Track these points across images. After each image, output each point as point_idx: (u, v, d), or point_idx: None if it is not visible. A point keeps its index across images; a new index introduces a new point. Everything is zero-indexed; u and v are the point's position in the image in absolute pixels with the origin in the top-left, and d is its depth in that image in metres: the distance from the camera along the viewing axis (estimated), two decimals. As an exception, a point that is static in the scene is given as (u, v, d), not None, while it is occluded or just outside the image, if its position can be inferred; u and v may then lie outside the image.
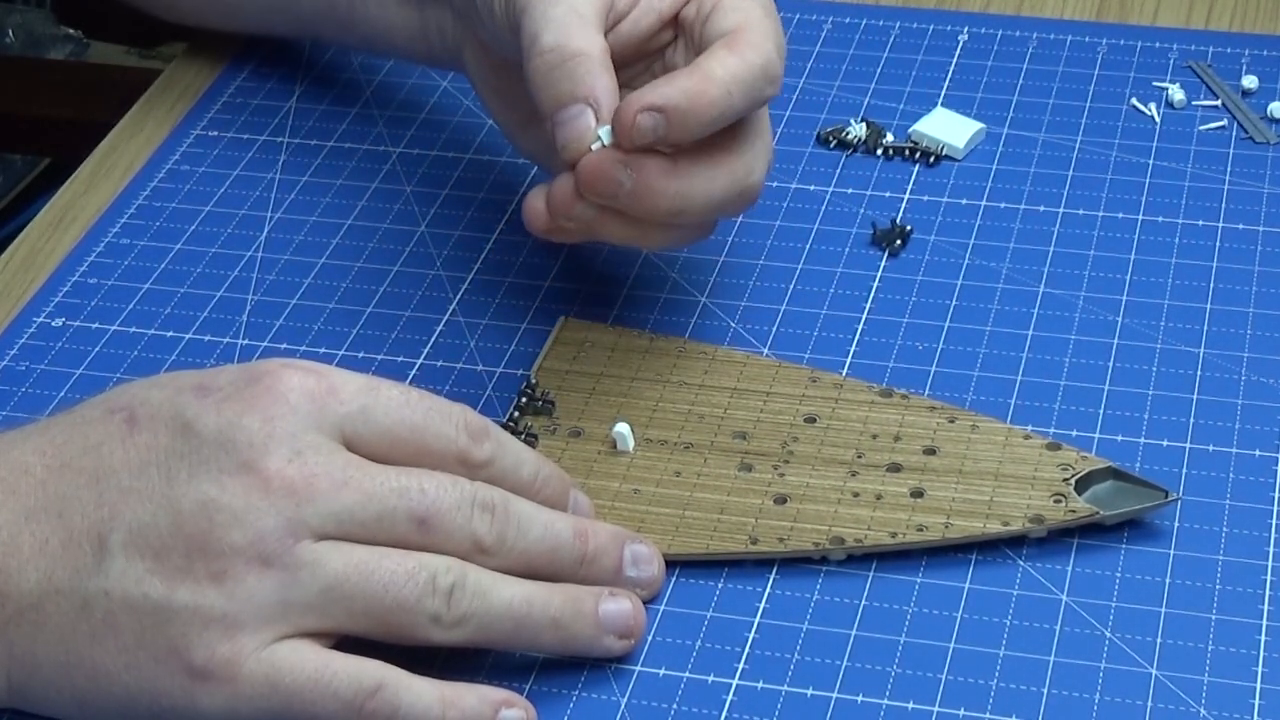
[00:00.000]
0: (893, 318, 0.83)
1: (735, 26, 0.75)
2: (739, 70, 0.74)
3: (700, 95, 0.73)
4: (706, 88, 0.73)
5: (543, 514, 0.68)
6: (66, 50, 1.69)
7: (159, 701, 0.64)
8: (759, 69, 0.74)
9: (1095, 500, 0.72)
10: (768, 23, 0.76)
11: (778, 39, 0.76)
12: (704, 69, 0.74)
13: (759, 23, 0.76)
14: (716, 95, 0.73)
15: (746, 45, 0.75)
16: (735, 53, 0.74)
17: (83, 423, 0.67)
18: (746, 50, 0.74)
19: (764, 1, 0.77)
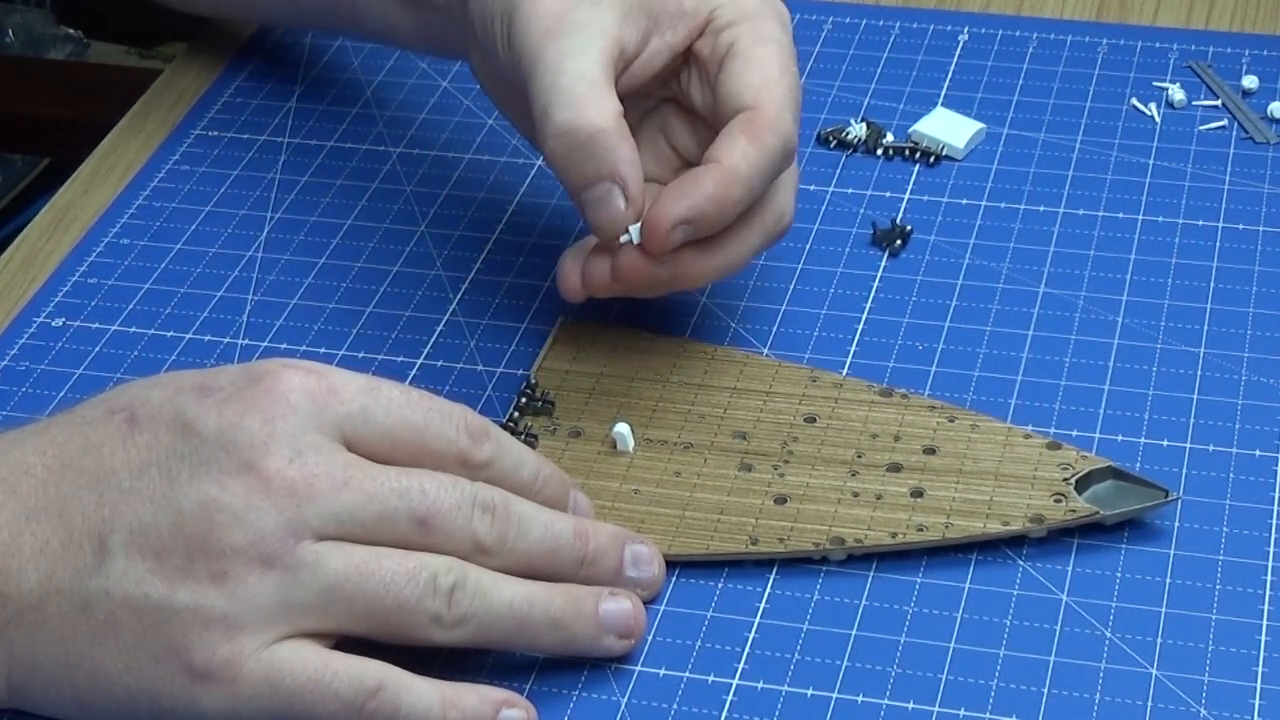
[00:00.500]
0: (893, 318, 0.83)
1: (753, 98, 0.75)
2: (761, 162, 0.74)
3: (726, 198, 0.74)
4: (731, 190, 0.74)
5: (543, 514, 0.68)
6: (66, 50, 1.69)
7: (159, 702, 0.64)
8: (779, 153, 0.75)
9: (1095, 500, 0.72)
10: (785, 82, 0.76)
11: (794, 97, 0.76)
12: (726, 168, 0.74)
13: (776, 84, 0.76)
14: (741, 194, 0.74)
15: (766, 129, 0.75)
16: (755, 142, 0.74)
17: (83, 423, 0.67)
18: (766, 136, 0.74)
19: (780, 36, 0.77)
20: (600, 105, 0.74)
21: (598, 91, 0.74)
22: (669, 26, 0.77)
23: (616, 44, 0.76)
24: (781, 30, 0.77)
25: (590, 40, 0.75)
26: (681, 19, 0.77)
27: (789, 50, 0.77)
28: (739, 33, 0.76)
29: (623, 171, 0.74)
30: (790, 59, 0.77)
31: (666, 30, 0.77)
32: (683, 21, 0.77)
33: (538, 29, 0.75)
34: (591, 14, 0.75)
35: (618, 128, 0.74)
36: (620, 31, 0.76)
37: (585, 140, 0.73)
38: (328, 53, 1.01)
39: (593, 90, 0.74)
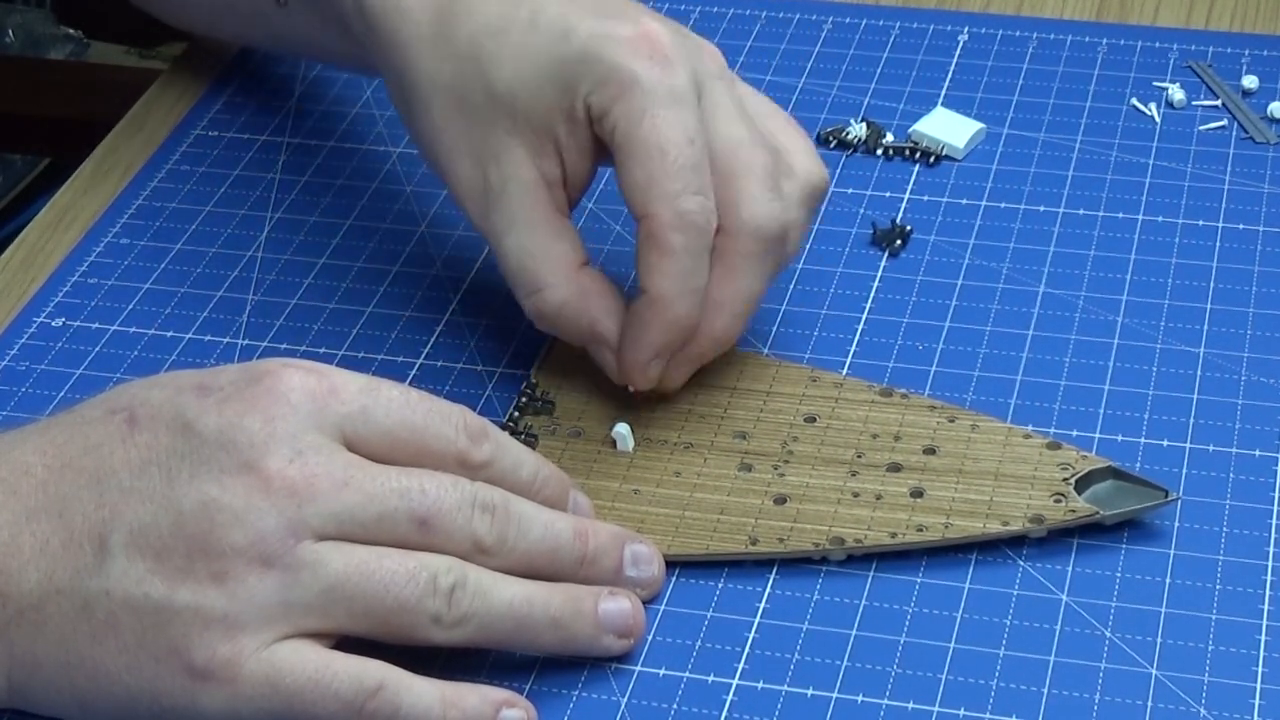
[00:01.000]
0: (893, 318, 0.83)
1: (642, 204, 0.73)
2: (680, 264, 0.73)
3: (673, 323, 0.74)
4: (671, 312, 0.74)
5: (543, 514, 0.68)
6: (66, 50, 1.69)
7: (159, 702, 0.64)
8: (696, 245, 0.73)
9: (1095, 500, 0.72)
10: (670, 158, 0.72)
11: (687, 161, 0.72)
12: (654, 296, 0.73)
13: (662, 174, 0.72)
14: (685, 306, 0.74)
15: (666, 232, 0.72)
16: (664, 253, 0.73)
17: (83, 423, 0.67)
18: (671, 237, 0.72)
19: (651, 100, 0.73)
20: (553, 280, 0.75)
21: (547, 264, 0.75)
22: (569, 135, 0.75)
23: (542, 188, 0.75)
24: (659, 92, 0.73)
25: (516, 206, 0.75)
26: (573, 124, 0.75)
27: (670, 114, 0.73)
28: (615, 120, 0.73)
29: (599, 331, 0.76)
30: (674, 120, 0.73)
31: (569, 140, 0.75)
32: (575, 126, 0.75)
33: (470, 209, 0.77)
34: (502, 172, 0.75)
35: (577, 296, 0.75)
36: (538, 172, 0.75)
37: (552, 317, 0.76)
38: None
39: (542, 265, 0.75)
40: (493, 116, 0.75)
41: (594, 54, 0.73)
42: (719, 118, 0.75)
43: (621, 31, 0.74)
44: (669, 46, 0.74)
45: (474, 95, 0.76)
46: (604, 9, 0.75)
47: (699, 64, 0.75)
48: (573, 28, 0.74)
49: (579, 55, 0.74)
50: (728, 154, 0.74)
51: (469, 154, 0.76)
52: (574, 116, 0.75)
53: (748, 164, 0.74)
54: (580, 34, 0.74)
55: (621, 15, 0.75)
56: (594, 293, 0.76)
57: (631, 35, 0.74)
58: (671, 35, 0.74)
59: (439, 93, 0.77)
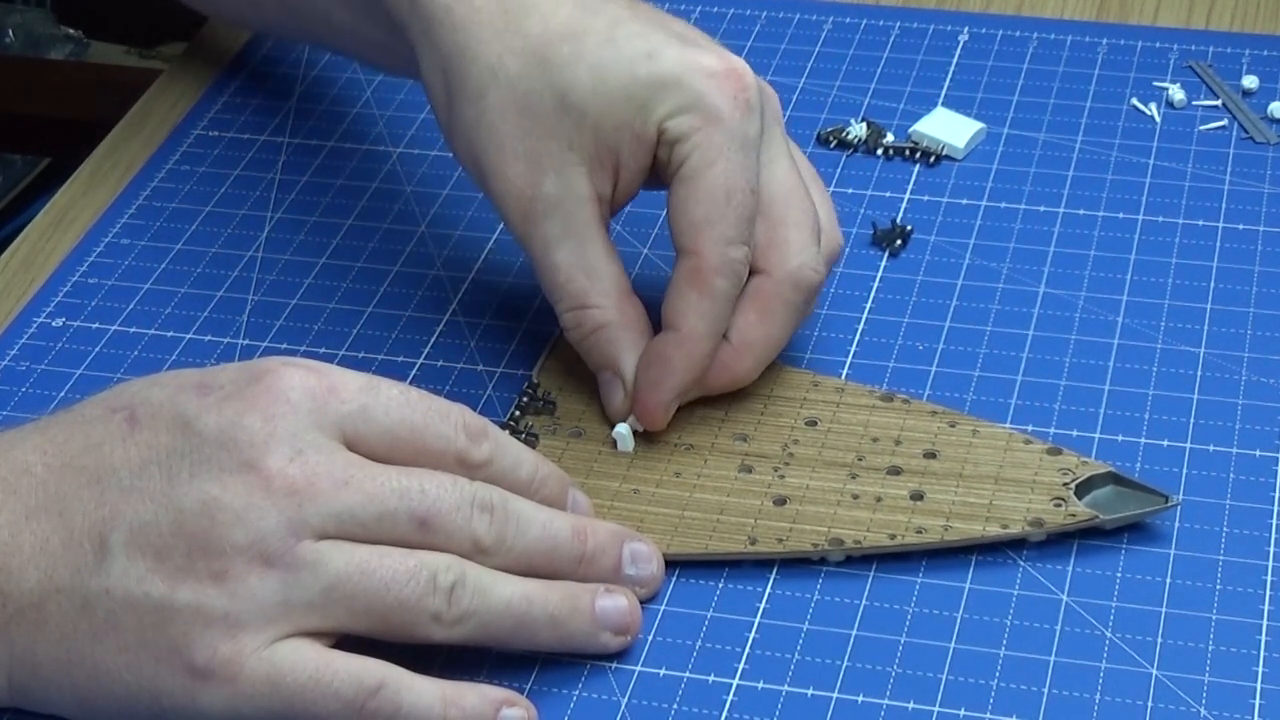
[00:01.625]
0: (893, 318, 0.83)
1: (693, 241, 0.73)
2: (715, 308, 0.74)
3: (697, 365, 0.75)
4: (696, 353, 0.74)
5: (541, 513, 0.68)
6: (66, 50, 1.69)
7: (159, 701, 0.64)
8: (729, 292, 0.74)
9: (1095, 505, 0.72)
10: (733, 206, 0.73)
11: (742, 214, 0.73)
12: (685, 334, 0.74)
13: (720, 217, 0.73)
14: (709, 348, 0.75)
15: (710, 274, 0.73)
16: (705, 292, 0.73)
17: (83, 422, 0.67)
18: (714, 280, 0.73)
19: (732, 145, 0.73)
20: (601, 298, 0.75)
21: (600, 284, 0.75)
22: (631, 155, 0.75)
23: (595, 204, 0.75)
24: (736, 135, 0.73)
25: (571, 220, 0.75)
26: (639, 143, 0.75)
27: (742, 159, 0.73)
28: (690, 149, 0.73)
29: (623, 367, 0.76)
30: (743, 167, 0.73)
31: (630, 159, 0.75)
32: (640, 145, 0.75)
33: (512, 210, 0.76)
34: (560, 185, 0.75)
35: (619, 319, 0.75)
36: (593, 188, 0.75)
37: (590, 333, 0.76)
38: (328, 53, 1.01)
39: (595, 284, 0.75)
40: (558, 125, 0.74)
41: (682, 80, 0.73)
42: (776, 165, 0.75)
43: (710, 63, 0.74)
44: (751, 89, 0.74)
45: (540, 98, 0.74)
46: (685, 36, 0.75)
47: (769, 106, 0.76)
48: (657, 50, 0.74)
49: (664, 79, 0.73)
50: (781, 201, 0.75)
51: (525, 157, 0.75)
52: (642, 137, 0.74)
53: (800, 214, 0.75)
54: (667, 57, 0.74)
55: (703, 46, 0.75)
56: (633, 326, 0.76)
57: (720, 70, 0.74)
58: (751, 72, 0.75)
59: (499, 86, 0.75)
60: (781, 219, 0.75)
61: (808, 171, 0.78)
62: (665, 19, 0.77)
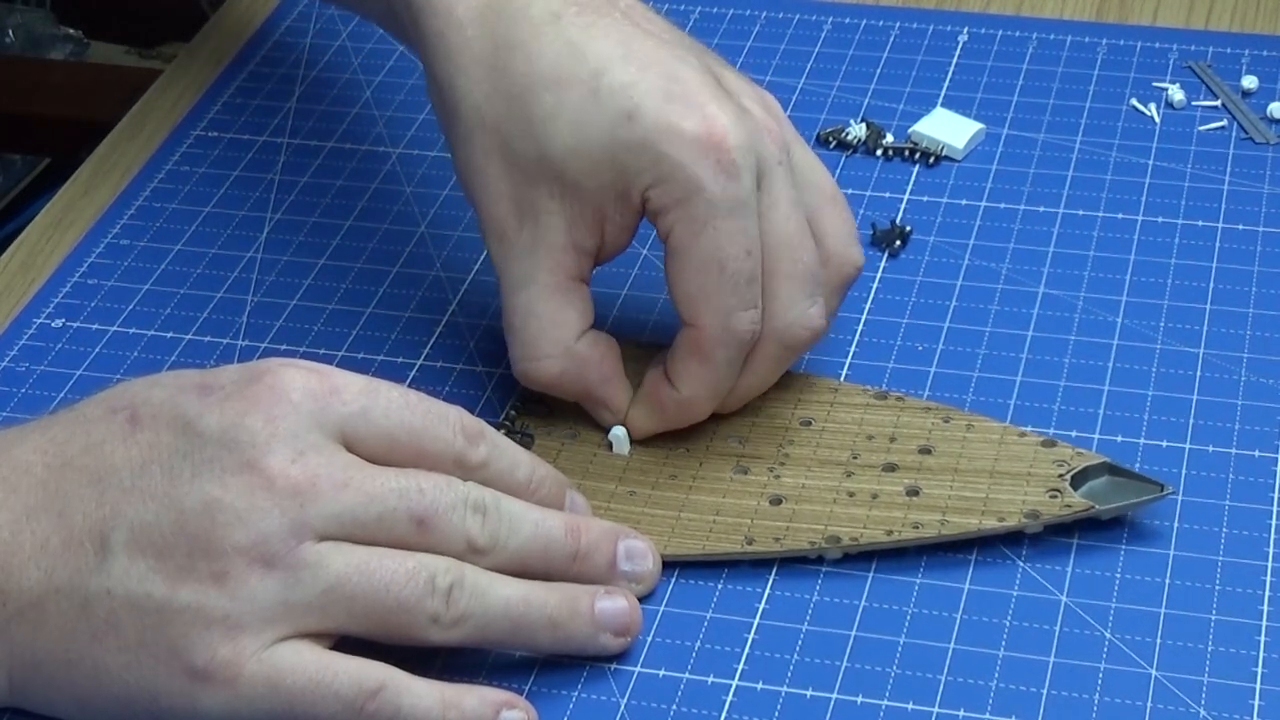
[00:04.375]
0: (892, 318, 0.83)
1: (691, 314, 0.73)
2: (715, 375, 0.74)
3: (694, 419, 0.75)
4: (695, 412, 0.75)
5: (533, 513, 0.68)
6: (66, 50, 1.69)
7: (158, 702, 0.64)
8: (732, 360, 0.74)
9: (1091, 495, 0.72)
10: (727, 277, 0.72)
11: (740, 281, 0.72)
12: (685, 399, 0.74)
13: (715, 290, 0.72)
14: (708, 408, 0.75)
15: (711, 346, 0.73)
16: (705, 363, 0.73)
17: (84, 421, 0.67)
18: (715, 351, 0.73)
19: (714, 213, 0.71)
20: (551, 351, 0.75)
21: (548, 333, 0.74)
22: (616, 213, 0.74)
23: (569, 254, 0.74)
24: (721, 203, 0.71)
25: (537, 267, 0.74)
26: (624, 205, 0.73)
27: (731, 225, 0.71)
28: (673, 222, 0.72)
29: (595, 396, 0.76)
30: (734, 233, 0.71)
31: (616, 216, 0.74)
32: (625, 207, 0.73)
33: (491, 247, 0.75)
34: (536, 233, 0.74)
35: (574, 368, 0.75)
36: (571, 239, 0.74)
37: (546, 387, 0.76)
38: (328, 53, 1.02)
39: (543, 334, 0.74)
40: (538, 176, 0.73)
41: (659, 150, 0.71)
42: (775, 213, 0.73)
43: (687, 126, 0.71)
44: (736, 150, 0.71)
45: (523, 148, 0.73)
46: (672, 86, 0.72)
47: (761, 149, 0.73)
48: (637, 109, 0.72)
49: (641, 144, 0.71)
50: (776, 253, 0.73)
51: (508, 198, 0.74)
52: (627, 200, 0.73)
53: (792, 266, 0.73)
54: (645, 121, 0.71)
55: (689, 101, 0.72)
56: (589, 361, 0.75)
57: (697, 134, 0.71)
58: (737, 127, 0.72)
59: (484, 129, 0.74)
60: (772, 272, 0.73)
61: (817, 179, 0.76)
62: (659, 51, 0.74)
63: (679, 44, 0.75)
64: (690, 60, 0.74)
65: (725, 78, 0.75)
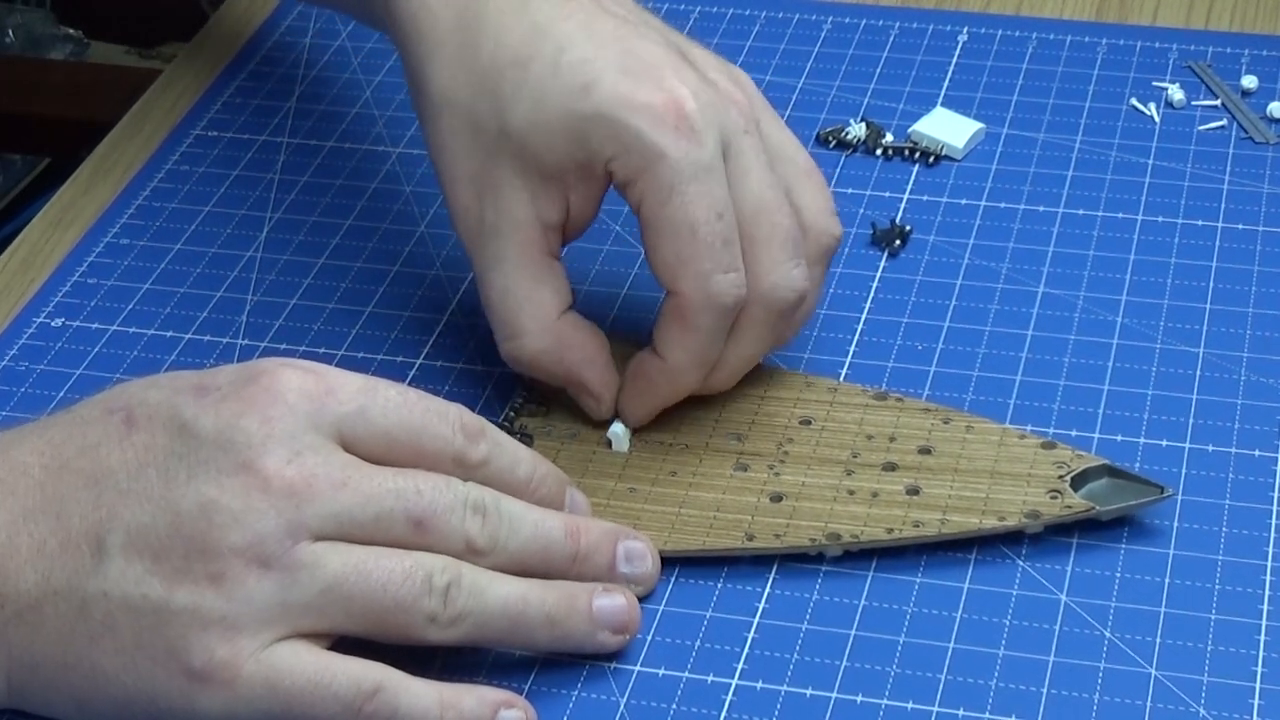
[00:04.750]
0: (892, 318, 0.83)
1: (671, 280, 0.72)
2: (700, 341, 0.74)
3: (681, 389, 0.75)
4: (681, 381, 0.75)
5: (533, 513, 0.68)
6: (66, 50, 1.69)
7: (157, 703, 0.64)
8: (717, 327, 0.73)
9: (1091, 496, 0.72)
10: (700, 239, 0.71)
11: (716, 241, 0.71)
12: (670, 366, 0.74)
13: (691, 254, 0.72)
14: (695, 376, 0.75)
15: (693, 313, 0.72)
16: (688, 329, 0.73)
17: (81, 423, 0.67)
18: (698, 318, 0.73)
19: (679, 178, 0.71)
20: (531, 327, 0.75)
21: (526, 309, 0.74)
22: (579, 186, 0.74)
23: (536, 229, 0.74)
24: (685, 166, 0.71)
25: (506, 244, 0.74)
26: (587, 177, 0.74)
27: (698, 188, 0.71)
28: (641, 192, 0.72)
29: (578, 378, 0.76)
30: (702, 195, 0.71)
31: (579, 189, 0.74)
32: (589, 179, 0.74)
33: (460, 232, 0.76)
34: (500, 210, 0.74)
35: (554, 345, 0.75)
36: (536, 214, 0.74)
37: (528, 364, 0.76)
38: (328, 53, 1.02)
39: (521, 311, 0.74)
40: (500, 151, 0.74)
41: (617, 120, 0.71)
42: (747, 180, 0.73)
43: (646, 97, 0.71)
44: (695, 115, 0.71)
45: (486, 125, 0.74)
46: (630, 60, 0.72)
47: (726, 121, 0.73)
48: (595, 81, 0.72)
49: (599, 116, 0.71)
50: (752, 219, 0.73)
51: (470, 181, 0.75)
52: (590, 172, 0.73)
53: (770, 230, 0.73)
54: (603, 92, 0.72)
55: (647, 73, 0.72)
56: (572, 342, 0.75)
57: (656, 103, 0.71)
58: (697, 96, 0.72)
59: (450, 109, 0.75)
60: (751, 237, 0.73)
61: (791, 152, 0.77)
62: (622, 30, 0.74)
63: (645, 24, 0.76)
64: (653, 37, 0.74)
65: (691, 53, 0.75)
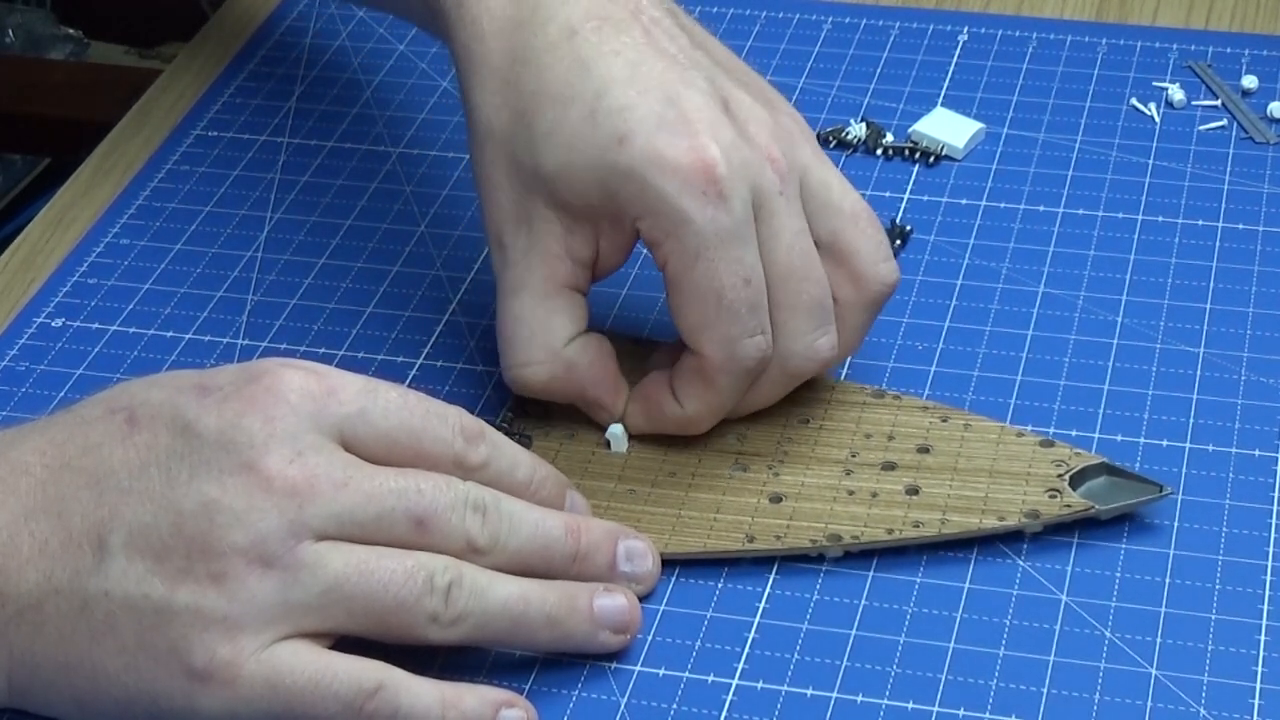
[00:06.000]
0: (892, 317, 0.83)
1: (695, 343, 0.72)
2: (720, 398, 0.74)
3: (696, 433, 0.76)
4: (697, 428, 0.75)
5: (533, 513, 0.68)
6: (66, 50, 1.69)
7: (158, 703, 0.64)
8: (736, 385, 0.73)
9: (1090, 495, 0.72)
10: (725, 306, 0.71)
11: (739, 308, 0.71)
12: (690, 417, 0.74)
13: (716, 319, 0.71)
14: (709, 426, 0.75)
15: (715, 373, 0.72)
16: (710, 387, 0.73)
17: (82, 422, 0.67)
18: (719, 378, 0.73)
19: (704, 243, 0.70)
20: (540, 357, 0.74)
21: (537, 339, 0.74)
22: (609, 233, 0.74)
23: (563, 263, 0.74)
24: (710, 233, 0.70)
25: (530, 273, 0.74)
26: (616, 229, 0.74)
27: (724, 254, 0.71)
28: (667, 254, 0.71)
29: (589, 397, 0.76)
30: (729, 261, 0.71)
31: (609, 236, 0.74)
32: (617, 230, 0.74)
33: (489, 236, 0.76)
34: (530, 239, 0.74)
35: (563, 373, 0.75)
36: (566, 248, 0.74)
37: (540, 390, 0.75)
38: (328, 53, 1.02)
39: (532, 340, 0.74)
40: (536, 188, 0.73)
41: (645, 181, 0.71)
42: (778, 244, 0.72)
43: (674, 155, 0.70)
44: (724, 178, 0.70)
45: (523, 159, 0.73)
46: (669, 112, 0.71)
47: (760, 180, 0.72)
48: (629, 135, 0.71)
49: (628, 173, 0.71)
50: (780, 284, 0.72)
51: (509, 207, 0.74)
52: (618, 224, 0.73)
53: (796, 297, 0.72)
54: (635, 148, 0.71)
55: (683, 128, 0.71)
56: (580, 366, 0.75)
57: (685, 164, 0.70)
58: (729, 156, 0.71)
59: (493, 140, 0.74)
60: (777, 303, 0.72)
61: (839, 198, 0.74)
62: (667, 74, 0.72)
63: (693, 64, 0.74)
64: (698, 83, 0.73)
65: (735, 100, 0.73)
